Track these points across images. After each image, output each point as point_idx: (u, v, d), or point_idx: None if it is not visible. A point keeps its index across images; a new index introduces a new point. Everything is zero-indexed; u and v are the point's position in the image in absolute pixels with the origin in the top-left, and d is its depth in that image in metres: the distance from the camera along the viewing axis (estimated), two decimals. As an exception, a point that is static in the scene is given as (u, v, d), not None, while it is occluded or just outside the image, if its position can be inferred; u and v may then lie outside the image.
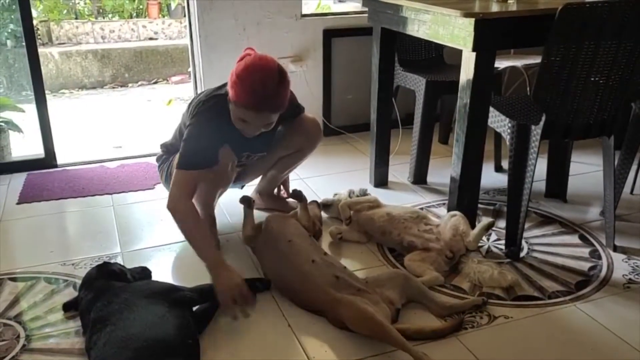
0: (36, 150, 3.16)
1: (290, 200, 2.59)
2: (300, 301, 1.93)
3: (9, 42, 4.58)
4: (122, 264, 2.12)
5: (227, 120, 2.08)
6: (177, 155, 2.11)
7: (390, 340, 1.68)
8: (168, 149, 2.36)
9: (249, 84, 1.95)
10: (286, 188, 2.66)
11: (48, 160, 3.14)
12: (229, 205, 2.61)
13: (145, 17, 6.83)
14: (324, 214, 2.52)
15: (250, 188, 2.64)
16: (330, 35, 3.44)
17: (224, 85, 2.10)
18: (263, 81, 1.95)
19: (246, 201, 2.26)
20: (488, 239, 2.37)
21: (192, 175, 2.00)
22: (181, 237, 2.19)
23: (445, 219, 2.26)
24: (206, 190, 2.22)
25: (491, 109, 2.26)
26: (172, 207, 1.98)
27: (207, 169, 2.05)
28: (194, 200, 2.30)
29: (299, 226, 2.15)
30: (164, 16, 6.90)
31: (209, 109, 2.07)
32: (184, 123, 2.20)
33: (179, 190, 1.99)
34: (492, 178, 2.97)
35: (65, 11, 6.64)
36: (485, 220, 2.23)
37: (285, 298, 1.98)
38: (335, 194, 2.61)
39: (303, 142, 2.42)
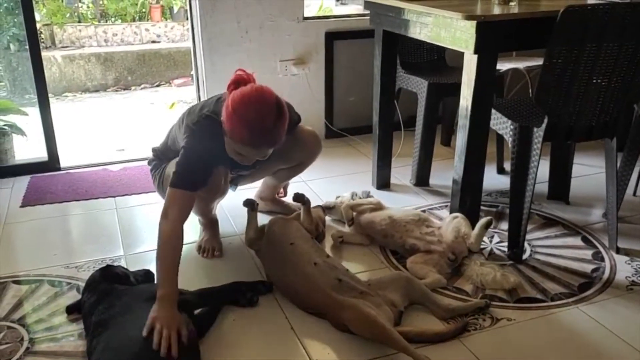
0: (39, 153, 3.17)
1: (292, 203, 2.59)
2: (303, 304, 1.93)
3: (12, 46, 4.61)
4: (125, 266, 2.13)
5: (220, 143, 2.01)
6: (170, 167, 2.09)
7: (392, 343, 1.68)
8: (158, 155, 2.35)
9: (246, 120, 1.87)
10: (284, 189, 2.65)
11: (51, 163, 3.15)
12: (232, 209, 2.61)
13: (147, 20, 6.86)
14: (327, 217, 2.52)
15: (252, 191, 2.64)
16: (332, 37, 3.45)
17: (219, 100, 2.04)
18: (261, 118, 1.87)
19: (250, 204, 2.26)
20: (490, 241, 2.37)
21: (187, 195, 1.94)
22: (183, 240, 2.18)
23: (446, 221, 2.26)
24: (202, 204, 2.22)
25: (493, 111, 2.26)
26: (164, 227, 1.86)
27: (200, 190, 2.01)
28: (193, 212, 2.30)
29: (301, 229, 2.15)
30: (166, 19, 6.93)
31: (203, 131, 2.00)
32: (175, 135, 2.18)
33: (174, 210, 1.89)
34: (494, 180, 2.97)
35: (68, 15, 6.67)
36: (483, 219, 2.20)
37: (288, 300, 1.98)
38: (338, 197, 2.61)
39: (302, 156, 2.39)
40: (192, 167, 1.96)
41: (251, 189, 2.63)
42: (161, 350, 1.55)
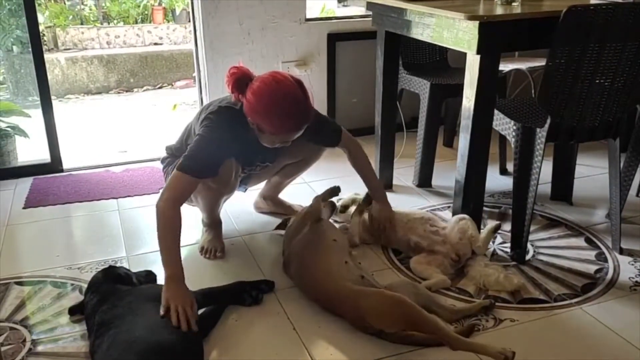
0: (42, 155, 3.17)
1: (294, 204, 2.60)
2: (320, 293, 1.92)
3: (15, 48, 4.62)
4: (127, 267, 2.13)
5: (237, 134, 2.03)
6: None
7: (425, 323, 1.66)
8: (173, 152, 2.36)
9: (286, 113, 1.94)
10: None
11: (54, 165, 3.16)
12: (234, 210, 2.62)
13: (150, 22, 6.88)
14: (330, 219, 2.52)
15: (255, 192, 2.64)
16: (334, 39, 3.45)
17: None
18: (295, 104, 1.95)
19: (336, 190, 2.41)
20: (494, 242, 2.36)
21: (190, 181, 1.93)
22: (186, 241, 2.19)
23: (452, 222, 2.25)
24: (211, 198, 2.22)
25: (496, 111, 2.26)
26: (161, 208, 1.88)
27: (207, 179, 2.02)
28: (199, 207, 2.31)
29: (343, 234, 2.21)
30: (168, 21, 6.94)
31: (221, 120, 2.02)
32: (192, 129, 2.18)
33: (173, 193, 1.90)
34: (497, 181, 2.96)
35: (71, 17, 6.68)
36: (491, 223, 2.23)
37: (301, 291, 1.99)
38: (339, 199, 2.61)
39: (308, 151, 2.41)
40: (203, 153, 1.97)
41: (255, 190, 2.63)
42: (182, 326, 1.66)
